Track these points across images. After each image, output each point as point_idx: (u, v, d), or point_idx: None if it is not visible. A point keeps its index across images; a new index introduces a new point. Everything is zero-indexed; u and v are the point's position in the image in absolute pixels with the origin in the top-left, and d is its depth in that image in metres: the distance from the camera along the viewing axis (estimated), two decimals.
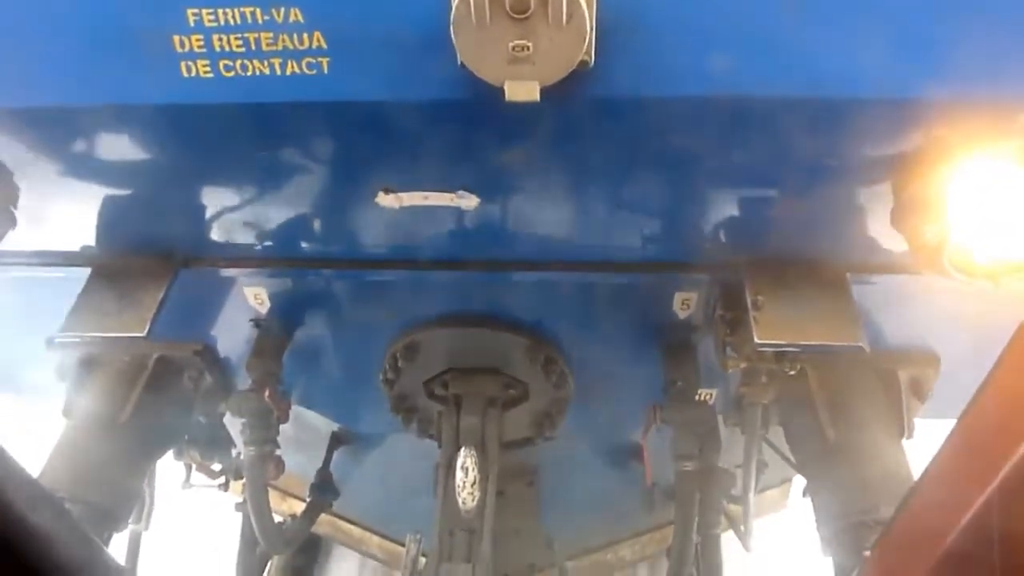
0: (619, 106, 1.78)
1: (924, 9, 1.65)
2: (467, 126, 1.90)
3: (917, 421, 3.00)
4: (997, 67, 1.69)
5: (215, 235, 2.51)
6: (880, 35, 1.69)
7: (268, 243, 2.57)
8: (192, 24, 1.72)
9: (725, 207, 2.28)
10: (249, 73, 1.76)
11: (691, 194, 2.23)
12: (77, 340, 2.55)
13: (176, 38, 1.74)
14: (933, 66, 1.70)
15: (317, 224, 2.48)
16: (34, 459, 2.70)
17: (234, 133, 1.97)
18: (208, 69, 1.77)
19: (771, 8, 1.65)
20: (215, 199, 2.33)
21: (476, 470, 2.94)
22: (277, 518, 3.73)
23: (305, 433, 3.96)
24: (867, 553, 1.74)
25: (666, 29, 1.66)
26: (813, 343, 2.33)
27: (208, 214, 2.40)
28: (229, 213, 2.39)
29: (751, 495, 3.15)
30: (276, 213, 2.40)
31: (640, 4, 1.64)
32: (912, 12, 1.65)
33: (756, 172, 2.09)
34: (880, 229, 2.20)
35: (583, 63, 1.61)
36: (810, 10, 1.65)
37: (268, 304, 2.92)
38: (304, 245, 2.59)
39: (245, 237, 2.53)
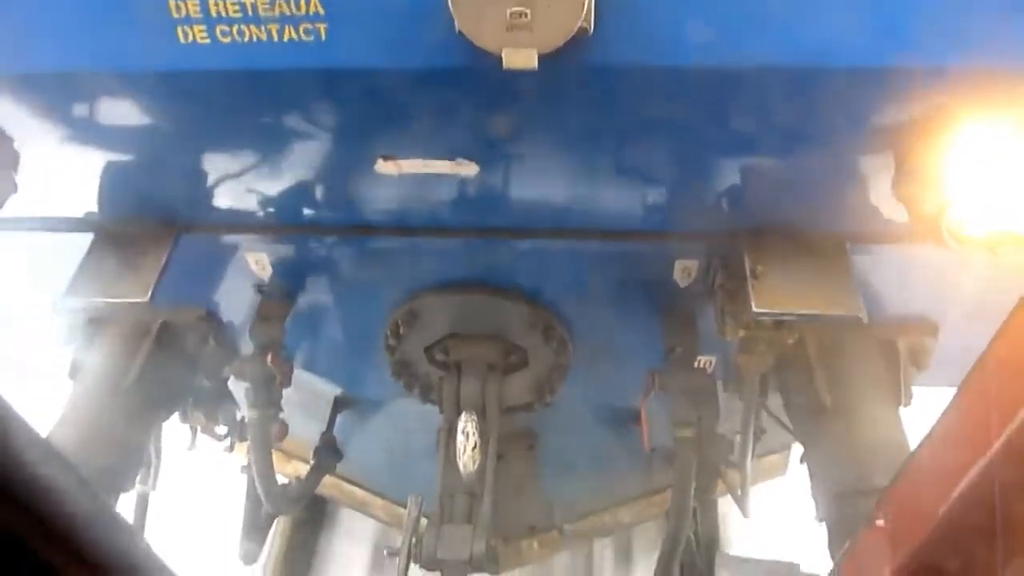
0: (618, 74, 1.77)
1: None
2: (465, 93, 1.89)
3: (916, 389, 3.02)
4: (1000, 36, 1.67)
5: (216, 201, 2.52)
6: (881, 3, 1.67)
7: (269, 209, 2.58)
8: None
9: (725, 176, 2.27)
10: (246, 39, 1.76)
11: (691, 163, 2.23)
12: (80, 305, 2.57)
13: (172, 3, 1.73)
14: (935, 35, 1.68)
15: (318, 190, 2.49)
16: (40, 421, 2.75)
17: (232, 99, 1.97)
18: (205, 35, 1.76)
19: None
20: (215, 165, 2.34)
21: (477, 435, 2.98)
22: (282, 479, 3.80)
23: (309, 397, 4.00)
24: (880, 522, 1.77)
25: None
26: (810, 312, 2.34)
27: (208, 180, 2.41)
28: (229, 179, 2.39)
29: (749, 461, 3.19)
30: (276, 179, 2.41)
31: None
32: None
33: (756, 142, 2.08)
34: (879, 199, 2.19)
35: (582, 30, 1.60)
36: None
37: (270, 270, 2.94)
38: (305, 211, 2.60)
39: (246, 203, 2.54)
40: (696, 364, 3.17)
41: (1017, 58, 1.70)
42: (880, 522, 1.79)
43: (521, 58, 1.59)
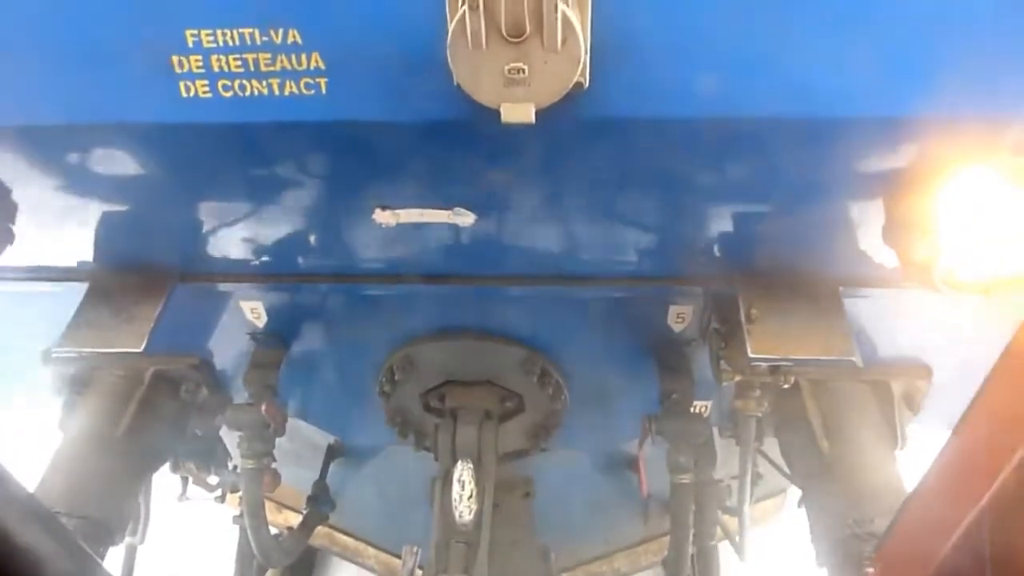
0: (614, 127, 1.80)
1: (913, 28, 1.67)
2: (464, 146, 1.91)
3: (911, 431, 3.03)
4: (986, 85, 1.71)
5: (212, 251, 2.53)
6: (870, 54, 1.71)
7: (265, 258, 2.58)
8: (191, 45, 1.73)
9: (719, 223, 2.30)
10: (247, 93, 1.78)
11: (686, 210, 2.25)
12: (74, 355, 2.55)
13: (175, 58, 1.75)
14: (923, 84, 1.72)
15: (314, 239, 2.50)
16: (28, 471, 2.71)
17: (232, 152, 1.98)
18: (207, 89, 1.78)
19: (762, 30, 1.67)
20: (212, 216, 2.35)
21: (473, 482, 2.95)
22: (273, 530, 3.73)
23: (302, 446, 3.96)
24: (870, 571, 1.75)
25: (660, 51, 1.68)
26: (806, 357, 2.35)
27: (205, 230, 2.41)
28: (226, 229, 2.40)
29: (746, 507, 3.17)
30: (273, 229, 2.42)
31: (634, 27, 1.66)
32: (901, 31, 1.68)
33: (749, 189, 2.11)
34: (872, 244, 2.22)
35: (578, 85, 1.63)
36: (800, 31, 1.67)
37: (265, 318, 2.93)
38: (301, 260, 2.61)
39: (242, 252, 2.54)
40: (692, 409, 3.17)
41: (1006, 106, 1.73)
42: (870, 570, 1.77)
43: (519, 112, 1.61)
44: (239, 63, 1.75)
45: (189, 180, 2.15)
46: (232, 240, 2.46)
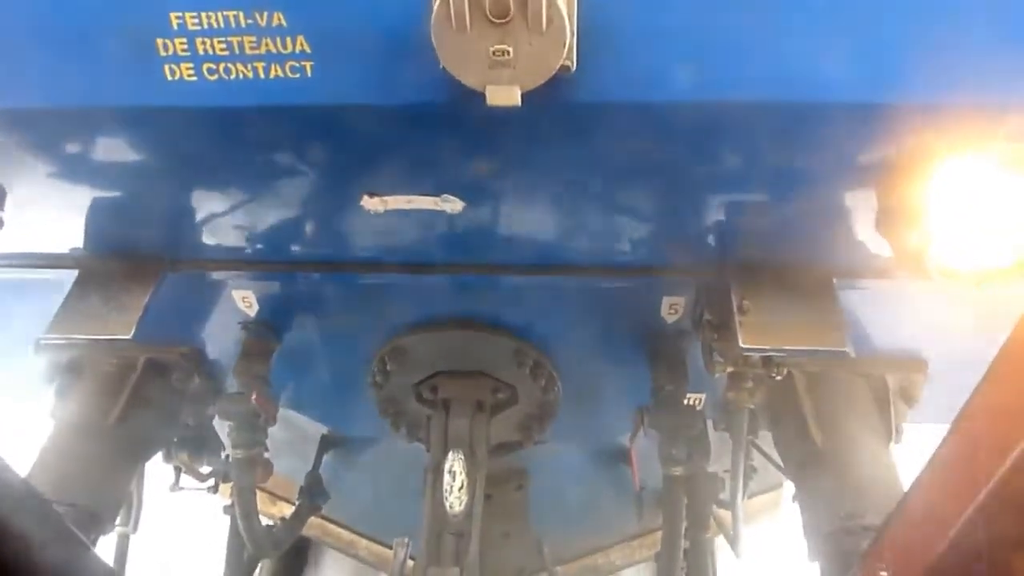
0: (601, 111, 1.78)
1: (905, 14, 1.65)
2: (450, 130, 1.90)
3: (906, 426, 3.01)
4: (981, 72, 1.69)
5: (202, 237, 2.51)
6: (858, 39, 1.69)
7: (256, 246, 2.57)
8: (175, 27, 1.72)
9: (710, 212, 2.28)
10: (232, 77, 1.77)
11: (676, 199, 2.24)
12: (63, 342, 2.54)
13: (160, 41, 1.74)
14: (919, 71, 1.70)
15: (304, 227, 2.48)
16: (23, 460, 2.70)
17: (219, 136, 1.97)
18: (192, 72, 1.77)
19: (750, 13, 1.65)
20: (201, 202, 2.33)
21: (464, 474, 2.94)
22: (266, 521, 3.73)
23: (295, 436, 3.96)
24: (883, 573, 1.74)
25: (648, 35, 1.66)
26: (798, 348, 2.33)
27: (194, 217, 2.40)
28: (215, 216, 2.39)
29: (739, 500, 3.15)
30: (262, 216, 2.40)
31: (621, 10, 1.64)
32: (889, 15, 1.66)
33: (739, 178, 2.09)
34: (866, 234, 2.20)
35: (565, 68, 1.61)
36: (788, 15, 1.66)
37: (256, 307, 2.92)
38: (292, 248, 2.59)
39: (232, 240, 2.53)
40: (685, 401, 3.15)
41: (999, 93, 1.71)
42: (884, 573, 1.75)
43: (504, 95, 1.59)
44: (224, 46, 1.74)
45: (175, 165, 2.13)
46: (221, 227, 2.45)
